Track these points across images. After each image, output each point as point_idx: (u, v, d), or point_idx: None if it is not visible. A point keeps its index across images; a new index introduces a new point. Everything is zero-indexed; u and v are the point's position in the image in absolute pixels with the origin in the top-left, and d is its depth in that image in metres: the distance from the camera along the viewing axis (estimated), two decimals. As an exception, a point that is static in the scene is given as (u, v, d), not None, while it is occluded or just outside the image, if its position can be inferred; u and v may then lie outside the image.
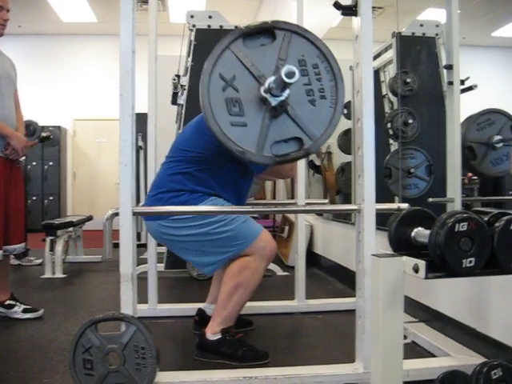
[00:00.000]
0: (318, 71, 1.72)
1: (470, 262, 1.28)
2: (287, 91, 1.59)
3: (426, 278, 1.29)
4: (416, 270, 1.32)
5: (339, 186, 5.07)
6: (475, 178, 5.20)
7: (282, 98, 1.59)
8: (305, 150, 1.68)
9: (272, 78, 1.60)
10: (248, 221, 2.45)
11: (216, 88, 1.61)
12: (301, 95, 1.68)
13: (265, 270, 2.48)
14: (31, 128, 4.38)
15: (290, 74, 1.48)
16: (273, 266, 4.70)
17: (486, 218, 1.40)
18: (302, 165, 3.31)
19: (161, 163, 2.60)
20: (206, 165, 2.39)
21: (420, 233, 1.49)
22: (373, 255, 1.45)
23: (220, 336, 2.41)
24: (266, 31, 1.68)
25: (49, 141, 4.85)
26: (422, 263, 1.30)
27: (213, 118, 1.58)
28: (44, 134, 4.33)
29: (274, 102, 1.59)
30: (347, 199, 4.90)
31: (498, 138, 2.63)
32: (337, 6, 2.05)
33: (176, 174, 2.41)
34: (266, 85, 1.60)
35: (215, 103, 1.60)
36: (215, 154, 2.32)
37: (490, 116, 2.70)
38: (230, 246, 2.37)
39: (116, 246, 1.93)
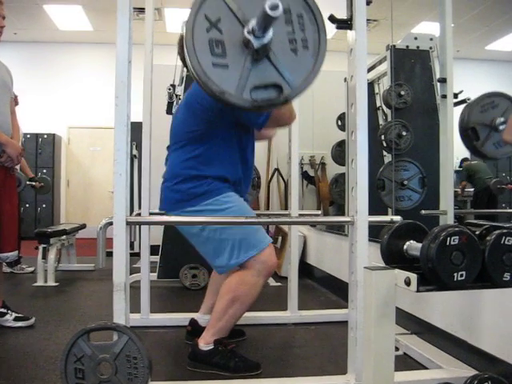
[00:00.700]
0: (303, 22, 1.69)
1: (461, 275, 1.29)
2: (270, 33, 1.57)
3: (418, 291, 1.30)
4: (408, 283, 1.33)
5: (333, 197, 5.09)
6: (470, 189, 5.22)
7: (265, 42, 1.58)
8: (284, 97, 1.66)
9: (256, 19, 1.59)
10: (260, 230, 2.46)
11: (200, 28, 1.58)
12: (284, 43, 1.66)
13: (262, 286, 2.46)
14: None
15: (274, 7, 1.46)
16: (266, 277, 4.70)
17: (477, 232, 1.41)
18: (295, 177, 3.32)
19: (166, 155, 2.65)
20: (209, 139, 2.39)
21: (412, 246, 1.50)
22: (365, 268, 1.46)
23: (212, 346, 2.41)
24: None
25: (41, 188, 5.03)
26: (413, 276, 1.31)
27: (195, 58, 1.56)
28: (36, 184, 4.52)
29: (256, 43, 1.56)
30: (340, 210, 4.92)
31: (501, 120, 2.63)
32: (332, 19, 2.07)
33: (188, 160, 2.42)
34: (250, 26, 1.58)
35: (198, 43, 1.57)
36: (212, 123, 2.36)
37: (494, 99, 2.70)
38: (236, 250, 2.36)
39: (109, 254, 1.93)
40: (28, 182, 5.11)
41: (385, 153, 3.87)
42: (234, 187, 2.47)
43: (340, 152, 4.83)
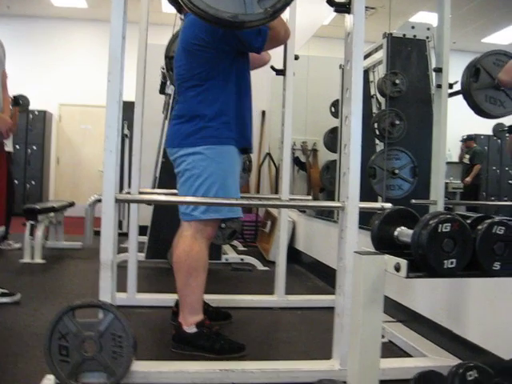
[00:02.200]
0: None
1: (452, 263, 1.29)
2: None
3: (407, 277, 1.29)
4: (397, 268, 1.32)
5: (323, 183, 5.09)
6: (457, 181, 5.23)
7: None
8: None
9: None
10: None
11: None
12: None
13: (208, 247, 2.48)
14: None
15: None
16: (253, 261, 4.71)
17: (468, 221, 1.41)
18: (287, 161, 3.31)
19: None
20: (213, 79, 2.39)
21: (403, 232, 1.49)
22: (355, 252, 1.46)
23: (196, 329, 2.41)
24: None
25: (21, 105, 4.88)
26: (403, 262, 1.31)
27: None
28: (13, 97, 4.39)
29: None
30: (331, 197, 4.92)
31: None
32: (330, 2, 2.05)
33: (193, 100, 2.42)
34: None
35: None
36: (213, 61, 2.37)
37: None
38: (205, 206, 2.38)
39: (97, 233, 1.91)
40: None
41: (377, 141, 3.86)
42: (241, 140, 2.48)
43: (332, 139, 4.81)
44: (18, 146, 9.11)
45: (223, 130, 2.39)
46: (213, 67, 2.37)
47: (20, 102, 4.88)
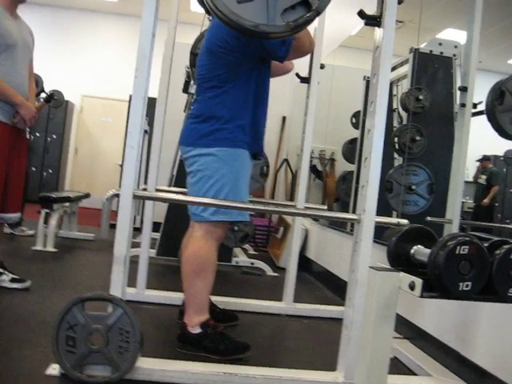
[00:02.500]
0: None
1: (467, 285, 1.28)
2: None
3: (421, 296, 1.29)
4: (412, 287, 1.32)
5: (339, 193, 5.07)
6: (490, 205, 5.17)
7: None
8: (315, 11, 1.66)
9: None
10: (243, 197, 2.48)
11: None
12: None
13: (218, 249, 2.48)
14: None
15: None
16: (263, 266, 4.71)
17: (486, 244, 1.40)
18: (305, 169, 3.31)
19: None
20: (233, 82, 2.40)
21: (420, 251, 1.48)
22: (370, 267, 1.45)
23: (201, 330, 2.41)
24: None
25: (55, 101, 4.85)
26: (418, 281, 1.30)
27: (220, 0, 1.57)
28: (48, 93, 4.35)
29: None
30: (345, 208, 4.90)
31: None
32: (361, 15, 2.04)
33: (212, 101, 2.43)
34: None
35: None
36: (236, 65, 2.38)
37: None
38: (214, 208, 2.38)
39: (111, 227, 1.92)
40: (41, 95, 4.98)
41: (396, 155, 3.84)
42: (253, 145, 2.49)
43: (351, 149, 4.80)
44: (38, 134, 9.19)
45: (238, 134, 2.40)
46: (234, 70, 2.39)
47: (55, 97, 4.88)
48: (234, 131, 2.39)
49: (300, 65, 3.03)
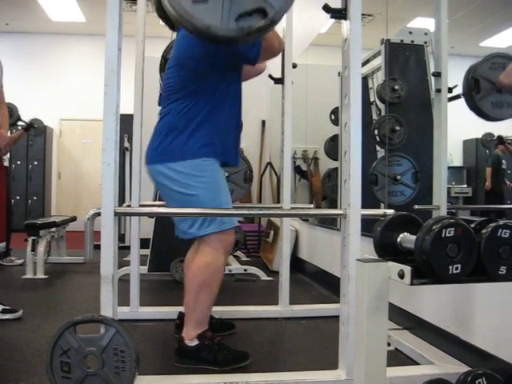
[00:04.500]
0: None
1: (457, 268, 1.26)
2: None
3: (412, 284, 1.27)
4: (401, 275, 1.30)
5: (325, 191, 5.07)
6: (462, 185, 5.19)
7: None
8: (270, 20, 1.63)
9: None
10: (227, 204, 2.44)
11: None
12: None
13: (225, 264, 2.46)
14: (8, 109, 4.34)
15: None
16: (257, 271, 4.68)
17: (472, 225, 1.39)
18: (287, 169, 3.30)
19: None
20: (202, 95, 2.37)
21: (406, 238, 1.47)
22: (358, 260, 1.43)
23: (198, 342, 2.38)
24: None
25: (35, 129, 4.80)
26: (407, 269, 1.28)
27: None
28: (27, 122, 4.31)
29: None
30: (333, 205, 4.89)
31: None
32: (326, 8, 2.04)
33: (177, 114, 2.39)
34: None
35: None
36: (205, 75, 2.35)
37: (506, 61, 2.65)
38: (200, 221, 2.34)
39: (98, 247, 1.89)
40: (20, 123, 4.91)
41: (378, 148, 3.85)
42: (222, 155, 2.44)
43: (333, 147, 4.80)
44: (18, 162, 9.12)
45: (205, 145, 2.36)
46: (203, 81, 2.36)
47: (35, 126, 4.84)
48: (202, 143, 2.36)
49: (273, 65, 3.02)
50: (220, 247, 2.38)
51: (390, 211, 2.00)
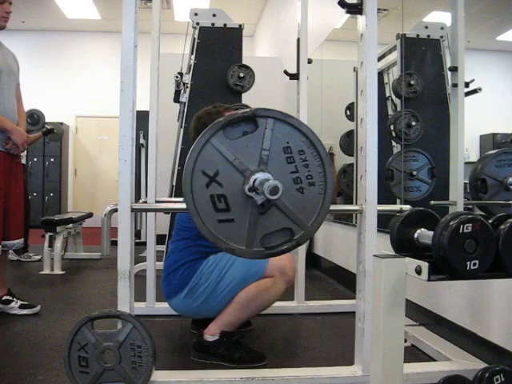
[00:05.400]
0: (305, 157, 1.60)
1: (474, 264, 1.25)
2: (279, 193, 1.49)
3: (429, 280, 1.26)
4: (418, 271, 1.29)
5: (341, 187, 5.05)
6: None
7: (270, 198, 1.49)
8: (295, 241, 1.60)
9: (257, 176, 1.52)
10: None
11: (199, 185, 1.52)
12: (288, 184, 1.57)
13: (283, 293, 2.52)
14: (35, 116, 4.34)
15: (274, 191, 1.44)
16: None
17: (490, 221, 1.37)
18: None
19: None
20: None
21: (423, 234, 1.46)
22: (374, 256, 1.43)
23: (218, 337, 2.39)
24: (247, 119, 1.58)
25: (53, 134, 4.82)
26: (424, 265, 1.27)
27: (199, 218, 1.52)
28: (48, 127, 4.32)
29: (260, 200, 1.52)
30: (348, 201, 4.88)
31: None
32: (342, 3, 2.02)
33: (183, 252, 2.49)
34: (251, 182, 1.52)
35: (200, 202, 1.52)
36: None
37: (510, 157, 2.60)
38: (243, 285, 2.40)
39: (114, 243, 1.90)
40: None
41: (394, 143, 3.82)
42: None
43: (348, 142, 4.78)
44: (35, 159, 9.20)
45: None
46: None
47: (54, 131, 4.87)
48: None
49: (289, 61, 3.02)
50: (284, 274, 2.47)
51: (407, 207, 1.98)
